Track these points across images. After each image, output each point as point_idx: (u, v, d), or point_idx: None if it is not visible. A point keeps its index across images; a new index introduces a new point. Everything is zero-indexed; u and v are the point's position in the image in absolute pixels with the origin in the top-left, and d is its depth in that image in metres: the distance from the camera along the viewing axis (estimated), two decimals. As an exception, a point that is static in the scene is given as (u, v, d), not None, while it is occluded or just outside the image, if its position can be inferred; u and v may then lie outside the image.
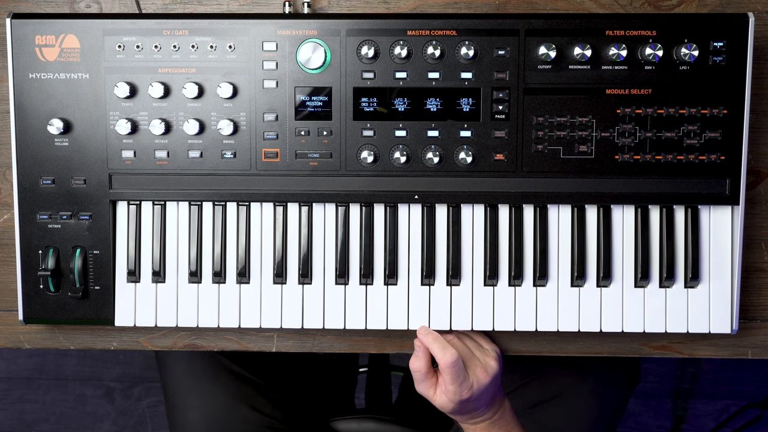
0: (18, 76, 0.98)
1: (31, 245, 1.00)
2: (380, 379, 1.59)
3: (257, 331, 1.06)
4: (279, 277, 1.01)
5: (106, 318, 1.01)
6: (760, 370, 2.09)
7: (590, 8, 1.04)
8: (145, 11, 1.04)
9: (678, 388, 2.10)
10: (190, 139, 0.99)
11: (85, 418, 2.12)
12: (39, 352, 2.11)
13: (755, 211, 1.05)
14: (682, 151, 0.98)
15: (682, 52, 0.96)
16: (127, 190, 1.00)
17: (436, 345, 0.98)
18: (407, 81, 0.97)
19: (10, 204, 1.05)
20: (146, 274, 1.02)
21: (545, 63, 0.97)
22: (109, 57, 0.98)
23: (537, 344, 1.06)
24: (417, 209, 1.01)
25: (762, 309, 1.06)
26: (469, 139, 0.98)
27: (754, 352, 1.06)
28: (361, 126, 0.98)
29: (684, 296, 1.01)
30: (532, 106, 0.98)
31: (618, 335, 1.05)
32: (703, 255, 1.01)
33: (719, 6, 1.04)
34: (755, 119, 1.03)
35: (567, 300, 1.01)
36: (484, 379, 0.98)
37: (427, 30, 0.97)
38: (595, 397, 1.21)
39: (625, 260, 1.01)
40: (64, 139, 0.99)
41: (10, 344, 1.07)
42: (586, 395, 1.20)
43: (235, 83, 0.98)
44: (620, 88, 0.97)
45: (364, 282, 1.01)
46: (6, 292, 1.06)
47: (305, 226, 1.01)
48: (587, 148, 0.98)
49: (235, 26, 0.97)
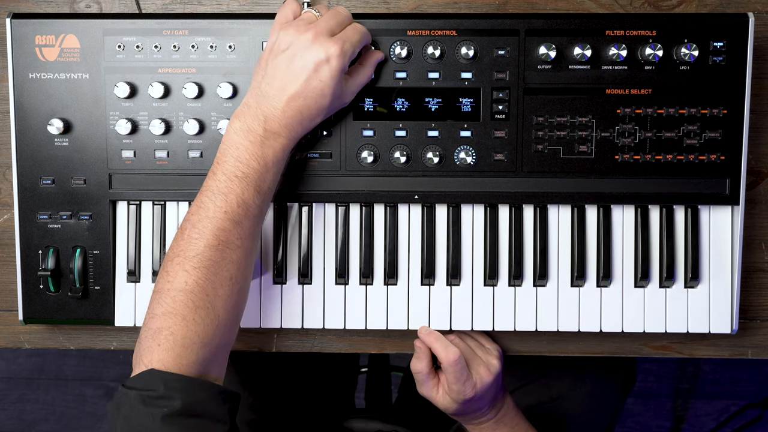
0: (18, 76, 0.98)
1: (31, 245, 1.00)
2: (380, 379, 1.59)
3: (257, 331, 1.06)
4: (279, 277, 1.01)
5: (106, 318, 1.01)
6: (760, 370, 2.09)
7: (590, 8, 1.04)
8: (145, 11, 1.04)
9: (678, 388, 2.11)
10: (190, 139, 0.99)
11: (85, 418, 2.12)
12: (39, 352, 2.11)
13: (755, 211, 1.05)
14: (682, 151, 0.98)
15: (682, 52, 0.96)
16: (127, 190, 1.00)
17: (438, 344, 0.98)
18: (407, 81, 0.98)
19: (10, 204, 1.05)
20: (146, 274, 1.02)
21: (545, 63, 0.97)
22: (109, 57, 0.98)
23: (537, 344, 1.06)
24: (417, 209, 1.01)
25: (762, 309, 1.06)
26: (469, 139, 0.98)
27: (754, 352, 1.06)
28: (361, 126, 0.98)
29: (684, 296, 1.01)
30: (532, 106, 0.98)
31: (618, 335, 1.05)
32: (703, 255, 1.01)
33: (719, 6, 1.04)
34: (755, 119, 1.03)
35: (567, 300, 1.01)
36: (487, 377, 0.98)
37: (427, 30, 0.97)
38: (591, 400, 1.21)
39: (625, 260, 1.01)
40: (64, 139, 0.99)
41: (10, 344, 1.07)
42: (583, 398, 1.20)
43: (235, 83, 0.98)
44: (620, 88, 0.97)
45: (364, 282, 1.01)
46: (6, 292, 1.06)
47: (305, 226, 1.01)
48: (587, 148, 0.98)
49: (235, 26, 0.97)
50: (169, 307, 0.83)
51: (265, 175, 0.87)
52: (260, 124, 0.87)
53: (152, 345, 0.82)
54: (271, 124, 0.87)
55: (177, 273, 0.84)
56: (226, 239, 0.85)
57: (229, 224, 0.85)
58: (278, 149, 0.88)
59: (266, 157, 0.87)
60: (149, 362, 0.81)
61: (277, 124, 0.88)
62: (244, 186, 0.86)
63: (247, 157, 0.87)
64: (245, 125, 0.87)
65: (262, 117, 0.87)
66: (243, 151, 0.87)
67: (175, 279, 0.84)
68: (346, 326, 1.01)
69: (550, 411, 1.20)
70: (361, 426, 1.33)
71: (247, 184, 0.86)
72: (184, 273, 0.83)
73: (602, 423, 1.23)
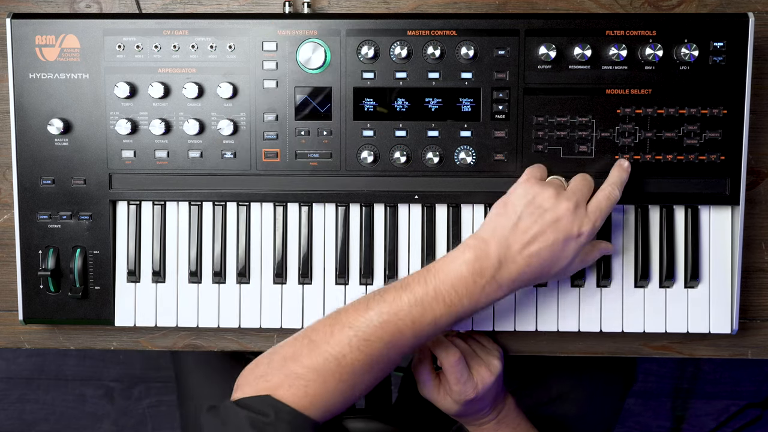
0: (18, 76, 0.98)
1: (31, 245, 1.00)
2: (380, 379, 1.58)
3: (257, 331, 1.06)
4: (279, 277, 1.01)
5: (106, 318, 1.01)
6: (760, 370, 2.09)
7: (590, 8, 1.04)
8: (145, 11, 1.04)
9: (678, 388, 2.10)
10: (190, 139, 0.99)
11: (85, 418, 2.12)
12: (39, 352, 2.11)
13: (755, 211, 1.05)
14: (682, 151, 0.98)
15: (682, 52, 0.96)
16: (127, 190, 1.00)
17: (439, 345, 0.98)
18: (407, 81, 0.97)
19: (10, 204, 1.05)
20: (146, 274, 1.02)
21: (545, 63, 0.97)
22: (109, 57, 0.98)
23: (537, 344, 1.06)
24: (417, 209, 1.01)
25: (762, 309, 1.06)
26: (469, 139, 0.98)
27: (754, 352, 1.06)
28: (361, 126, 0.98)
29: (684, 296, 1.01)
30: (532, 106, 0.98)
31: (618, 335, 1.05)
32: (703, 255, 1.01)
33: (719, 6, 1.04)
34: (755, 119, 1.03)
35: (567, 300, 1.01)
36: (489, 378, 0.98)
37: (427, 30, 0.97)
38: (591, 400, 1.21)
39: (625, 260, 1.01)
40: (64, 139, 0.99)
41: (10, 344, 1.07)
42: (583, 399, 1.20)
43: (235, 83, 0.98)
44: (620, 88, 0.97)
45: (364, 282, 1.01)
46: (6, 292, 1.06)
47: (305, 226, 1.01)
48: (587, 148, 0.98)
49: (235, 26, 0.97)
50: (318, 364, 0.82)
51: (464, 315, 0.86)
52: (492, 271, 0.86)
53: (282, 382, 0.82)
54: (502, 276, 0.86)
55: (341, 341, 0.83)
56: (398, 342, 0.84)
57: (409, 333, 0.84)
58: (491, 299, 0.87)
59: (479, 302, 0.86)
60: (268, 390, 0.82)
61: (507, 278, 0.86)
62: (444, 311, 0.85)
63: (463, 293, 0.85)
64: (478, 266, 0.85)
65: (496, 263, 0.86)
66: (462, 285, 0.85)
67: (335, 345, 0.83)
68: (346, 326, 1.01)
69: (549, 412, 1.19)
70: (361, 426, 1.33)
71: (448, 313, 0.85)
72: (347, 346, 0.83)
73: (602, 424, 1.23)
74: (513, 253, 0.86)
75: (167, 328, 1.05)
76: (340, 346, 0.83)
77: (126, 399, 2.11)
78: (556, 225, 0.87)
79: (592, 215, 0.89)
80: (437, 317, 0.85)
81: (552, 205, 0.87)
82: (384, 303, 0.85)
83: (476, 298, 0.86)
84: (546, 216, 0.87)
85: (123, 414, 2.11)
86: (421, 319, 0.84)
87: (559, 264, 0.88)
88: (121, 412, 2.11)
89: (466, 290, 0.85)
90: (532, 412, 1.19)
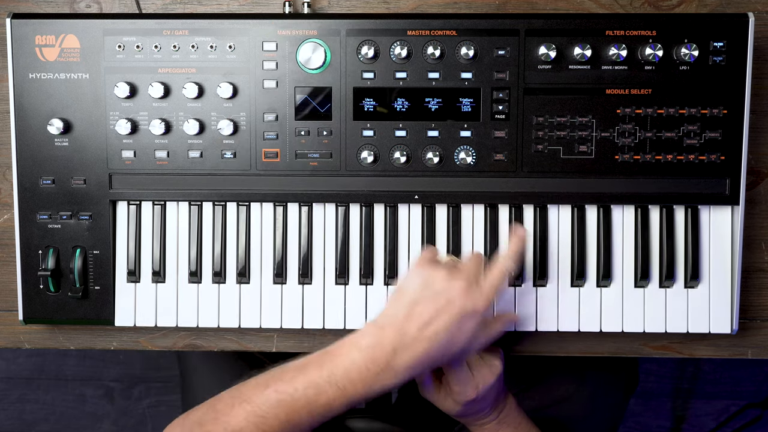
0: (18, 76, 0.98)
1: (31, 245, 1.00)
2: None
3: (257, 331, 1.06)
4: (279, 277, 1.01)
5: (106, 318, 1.01)
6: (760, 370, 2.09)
7: (590, 8, 1.04)
8: (145, 11, 1.04)
9: (678, 388, 2.10)
10: (190, 139, 0.99)
11: (85, 418, 2.12)
12: (39, 352, 2.11)
13: (755, 211, 1.05)
14: (682, 151, 0.98)
15: (682, 52, 0.96)
16: (127, 190, 1.00)
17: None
18: (407, 81, 0.98)
19: (10, 204, 1.05)
20: (146, 274, 1.02)
21: (545, 63, 0.97)
22: (109, 57, 0.98)
23: (537, 344, 1.06)
24: (417, 209, 1.01)
25: (762, 309, 1.06)
26: (469, 139, 0.98)
27: (754, 352, 1.06)
28: (361, 126, 0.98)
29: (684, 296, 1.01)
30: (532, 106, 0.98)
31: (618, 335, 1.05)
32: (703, 255, 1.01)
33: (719, 6, 1.04)
34: (755, 119, 1.03)
35: (567, 300, 1.01)
36: (489, 378, 0.98)
37: (427, 30, 0.97)
38: (594, 402, 1.21)
39: (625, 260, 1.01)
40: (64, 139, 0.99)
41: (10, 344, 1.07)
42: (585, 401, 1.20)
43: (235, 83, 0.98)
44: (620, 88, 0.97)
45: (364, 282, 1.01)
46: (6, 292, 1.06)
47: (305, 226, 1.01)
48: (587, 148, 0.98)
49: (235, 26, 0.97)
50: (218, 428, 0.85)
51: (359, 399, 0.86)
52: (386, 359, 0.86)
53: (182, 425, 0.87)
54: (397, 363, 0.86)
55: (238, 415, 0.85)
56: (293, 421, 0.85)
57: (304, 413, 0.85)
58: (387, 386, 0.87)
59: (372, 388, 0.86)
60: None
61: (403, 365, 0.86)
62: (337, 395, 0.85)
63: (357, 379, 0.86)
64: (372, 354, 0.86)
65: (391, 351, 0.86)
66: (356, 372, 0.86)
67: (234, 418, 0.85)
68: (346, 326, 1.01)
69: (552, 414, 1.19)
70: (363, 425, 1.33)
71: (342, 396, 0.85)
72: (245, 421, 0.84)
73: (605, 425, 1.23)
74: (408, 339, 0.86)
75: (167, 328, 1.05)
76: (237, 420, 0.84)
77: (126, 399, 2.11)
78: (451, 306, 0.87)
79: (486, 291, 0.89)
80: (330, 400, 0.85)
81: (444, 287, 0.88)
82: (281, 382, 0.86)
83: (369, 384, 0.86)
84: (439, 298, 0.87)
85: (123, 414, 2.11)
86: (315, 401, 0.85)
87: (457, 343, 0.88)
88: (121, 412, 2.11)
89: (359, 377, 0.85)
90: (536, 415, 1.18)
